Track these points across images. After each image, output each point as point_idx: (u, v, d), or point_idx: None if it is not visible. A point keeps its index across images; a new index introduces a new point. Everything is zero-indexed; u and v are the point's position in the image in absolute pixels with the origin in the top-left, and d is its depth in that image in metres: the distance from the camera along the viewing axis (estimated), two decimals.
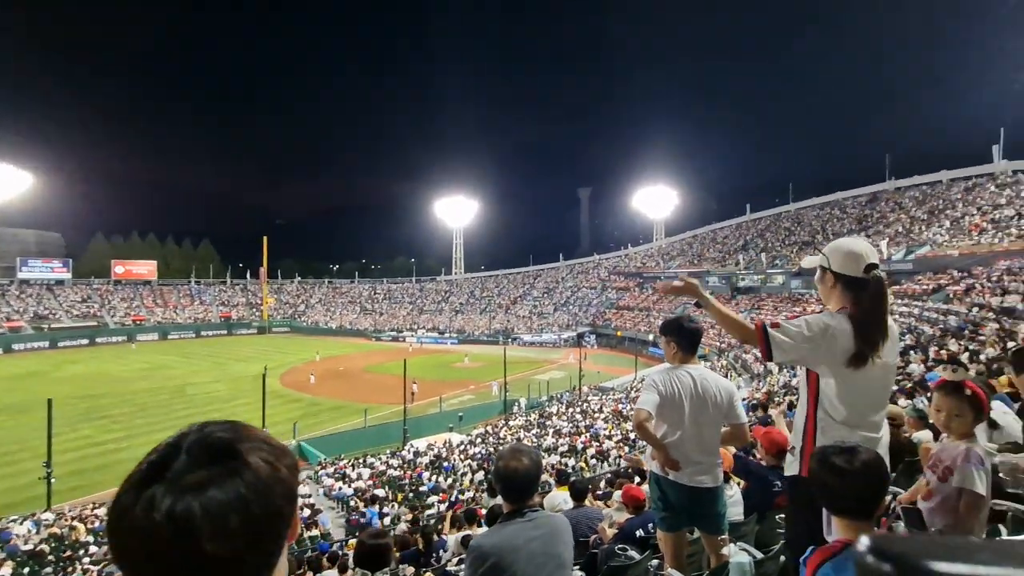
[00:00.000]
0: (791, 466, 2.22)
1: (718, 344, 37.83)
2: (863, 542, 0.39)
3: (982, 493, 1.96)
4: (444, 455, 20.55)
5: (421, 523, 10.22)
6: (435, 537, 6.73)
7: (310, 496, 16.69)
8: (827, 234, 49.84)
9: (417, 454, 21.20)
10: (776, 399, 15.34)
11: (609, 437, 20.04)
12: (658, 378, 2.74)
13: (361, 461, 20.72)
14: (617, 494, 5.63)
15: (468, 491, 15.53)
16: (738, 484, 3.58)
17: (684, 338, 2.83)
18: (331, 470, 19.97)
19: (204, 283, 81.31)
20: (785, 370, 22.15)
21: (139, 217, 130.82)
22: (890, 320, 2.09)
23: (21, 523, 14.62)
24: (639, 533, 3.55)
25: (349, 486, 17.38)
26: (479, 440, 22.62)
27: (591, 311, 64.23)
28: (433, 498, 15.00)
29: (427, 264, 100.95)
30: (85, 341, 57.84)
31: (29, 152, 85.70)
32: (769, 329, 2.07)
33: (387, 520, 12.49)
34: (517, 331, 62.55)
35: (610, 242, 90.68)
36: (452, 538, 6.66)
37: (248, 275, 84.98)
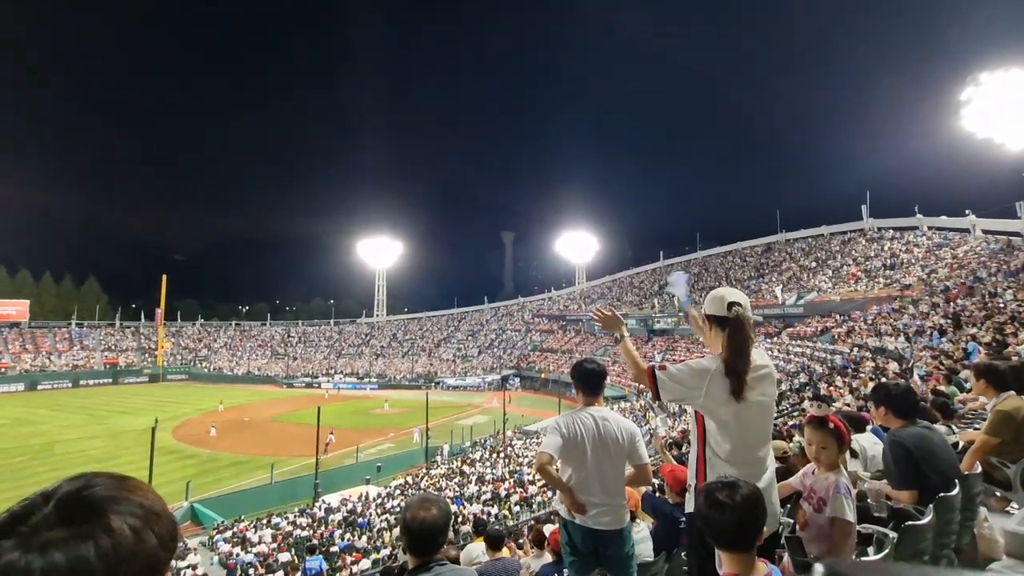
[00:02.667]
0: (689, 503, 2.30)
1: (637, 385, 39.20)
2: (818, 570, 0.42)
3: (852, 520, 2.12)
4: (359, 510, 19.21)
5: None
6: None
7: (198, 566, 14.80)
8: (730, 280, 54.19)
9: (329, 511, 19.64)
10: (690, 438, 15.98)
11: (533, 482, 19.75)
12: (561, 421, 2.76)
13: (264, 522, 18.82)
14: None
15: (385, 548, 14.57)
16: (647, 523, 3.60)
17: (582, 380, 2.89)
18: (228, 534, 17.93)
19: (88, 325, 72.71)
20: None
21: (8, 250, 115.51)
22: (762, 357, 2.26)
23: None
24: None
25: (249, 551, 15.65)
26: (398, 492, 21.43)
27: (515, 353, 64.52)
28: (346, 558, 13.86)
29: (347, 306, 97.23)
30: None
31: None
32: (657, 371, 2.25)
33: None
34: (441, 375, 61.26)
35: (534, 285, 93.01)
36: None
37: (142, 317, 77.22)
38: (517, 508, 17.42)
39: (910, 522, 2.15)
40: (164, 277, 71.80)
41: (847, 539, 2.10)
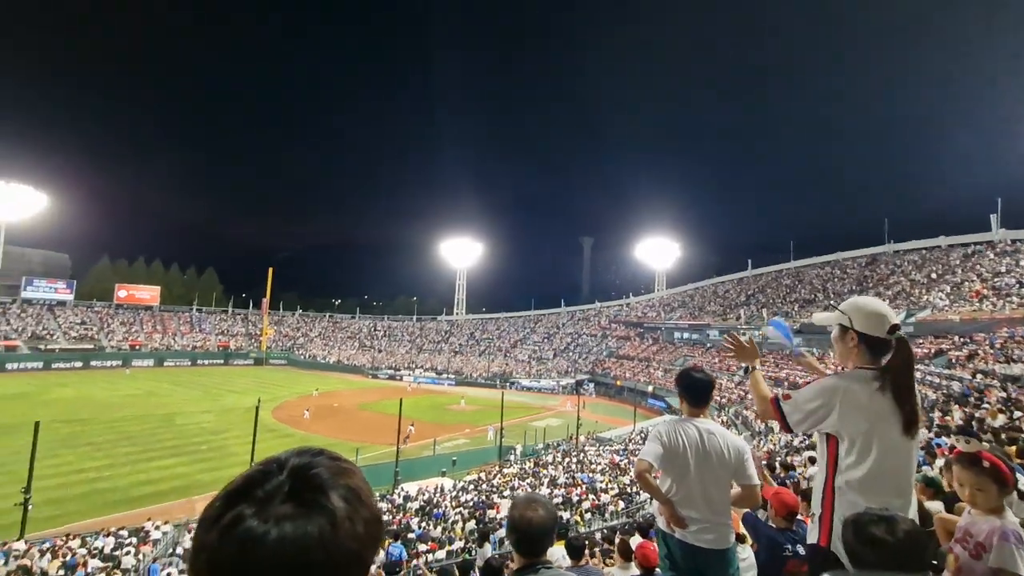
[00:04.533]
0: (811, 533, 2.12)
1: (717, 399, 37.31)
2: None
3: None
4: (435, 501, 19.91)
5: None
6: None
7: None
8: (828, 292, 50.06)
9: (407, 498, 20.54)
10: (778, 459, 14.99)
11: (606, 490, 19.45)
12: (663, 429, 2.68)
13: None
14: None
15: (458, 540, 14.99)
16: (751, 547, 3.43)
17: (688, 390, 2.78)
18: None
19: (205, 311, 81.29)
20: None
21: (146, 243, 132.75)
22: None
23: None
24: None
25: None
26: (471, 487, 21.97)
27: (591, 359, 63.76)
28: (422, 546, 14.43)
29: (429, 303, 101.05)
30: (79, 364, 57.43)
31: (45, 173, 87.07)
32: (781, 402, 2.10)
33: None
34: (516, 375, 61.89)
35: (611, 290, 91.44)
36: None
37: (250, 305, 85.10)
38: (589, 515, 17.22)
39: None
40: (270, 271, 78.67)
41: None
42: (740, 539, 2.93)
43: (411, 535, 15.65)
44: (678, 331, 60.06)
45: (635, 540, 5.58)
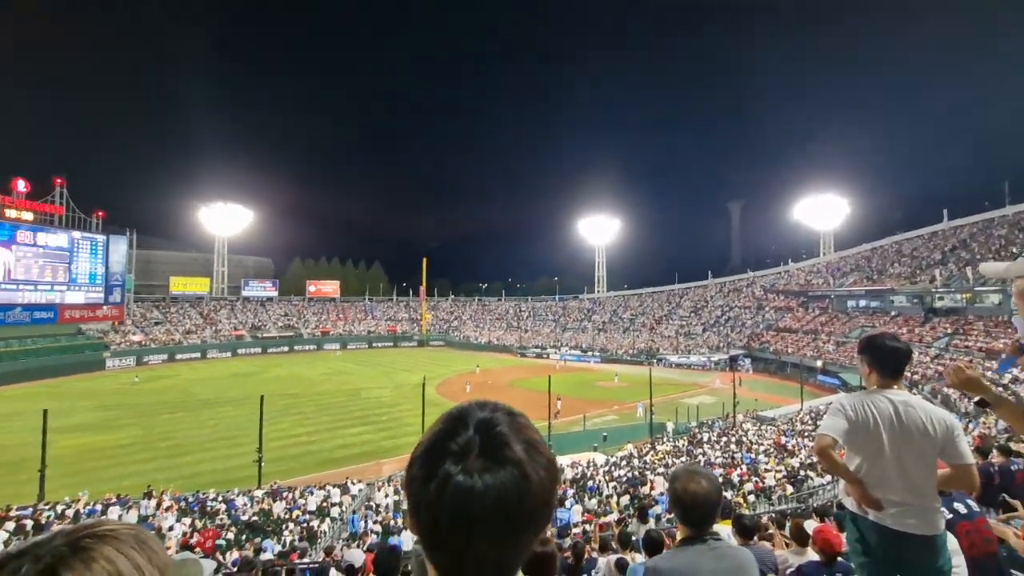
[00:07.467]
0: None
1: (908, 375, 32.02)
2: None
3: None
4: (589, 475, 20.36)
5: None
6: (585, 556, 6.69)
7: None
8: None
9: (561, 470, 21.29)
10: (996, 443, 12.53)
11: (769, 470, 18.09)
12: (847, 402, 2.38)
13: None
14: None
15: (613, 513, 15.21)
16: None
17: (879, 358, 2.41)
18: None
19: (375, 300, 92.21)
20: None
21: (327, 243, 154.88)
22: None
23: (240, 496, 17.88)
24: None
25: None
26: (624, 462, 22.01)
27: (745, 332, 58.97)
28: (576, 517, 14.93)
29: (569, 282, 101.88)
30: (286, 348, 69.40)
31: (250, 192, 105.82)
32: None
33: None
34: (663, 351, 59.80)
35: (766, 257, 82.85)
36: (603, 560, 6.59)
37: (410, 293, 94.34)
38: (752, 497, 16.21)
39: None
40: (424, 260, 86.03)
41: None
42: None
43: (565, 504, 16.28)
44: (852, 299, 52.60)
45: (810, 524, 5.19)
